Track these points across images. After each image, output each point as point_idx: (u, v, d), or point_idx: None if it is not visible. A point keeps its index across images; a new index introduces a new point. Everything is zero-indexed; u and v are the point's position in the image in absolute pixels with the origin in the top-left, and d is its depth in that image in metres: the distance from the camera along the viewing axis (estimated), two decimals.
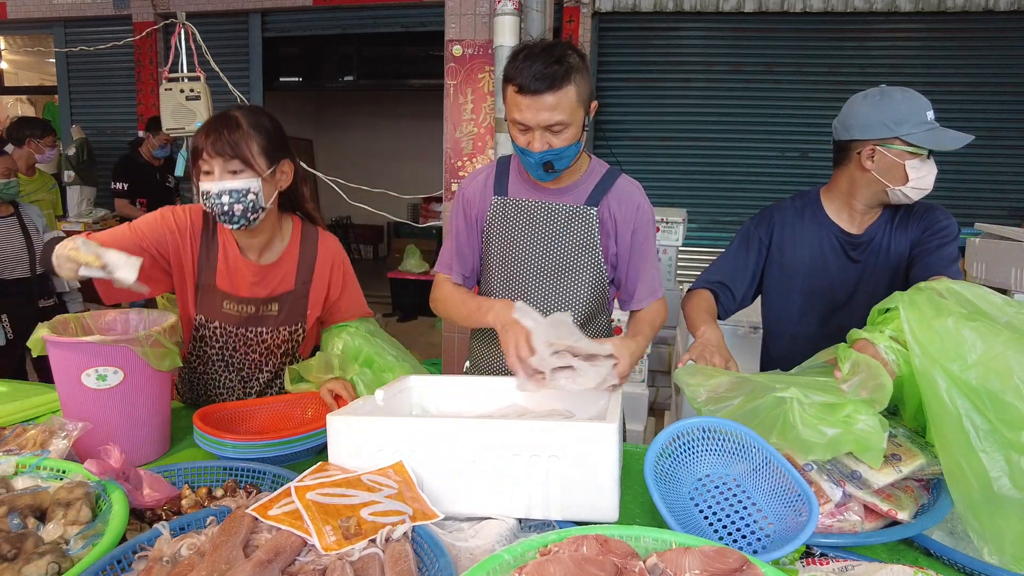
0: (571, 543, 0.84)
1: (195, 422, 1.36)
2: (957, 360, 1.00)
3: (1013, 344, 0.98)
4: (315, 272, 1.66)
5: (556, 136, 1.43)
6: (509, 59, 1.44)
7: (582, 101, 1.43)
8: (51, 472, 1.13)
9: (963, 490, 0.99)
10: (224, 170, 1.44)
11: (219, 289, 1.59)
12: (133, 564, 0.92)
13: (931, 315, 1.06)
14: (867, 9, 4.56)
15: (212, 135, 1.43)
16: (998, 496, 0.94)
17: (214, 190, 1.44)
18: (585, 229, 1.60)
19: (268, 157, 1.49)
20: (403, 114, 9.80)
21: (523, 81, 1.38)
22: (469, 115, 4.11)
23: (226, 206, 1.44)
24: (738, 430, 1.13)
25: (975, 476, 0.97)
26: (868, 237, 1.64)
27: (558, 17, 4.69)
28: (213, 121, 1.47)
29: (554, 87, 1.37)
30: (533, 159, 1.46)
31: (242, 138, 1.44)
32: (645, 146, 5.06)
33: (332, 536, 0.92)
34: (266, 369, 1.70)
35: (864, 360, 1.09)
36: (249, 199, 1.46)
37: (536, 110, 1.39)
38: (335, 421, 1.15)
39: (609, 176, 1.62)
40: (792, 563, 0.97)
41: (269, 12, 5.42)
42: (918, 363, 1.05)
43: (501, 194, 1.63)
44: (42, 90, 7.97)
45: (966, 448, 0.98)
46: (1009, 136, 4.60)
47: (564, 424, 1.08)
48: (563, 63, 1.38)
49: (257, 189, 1.46)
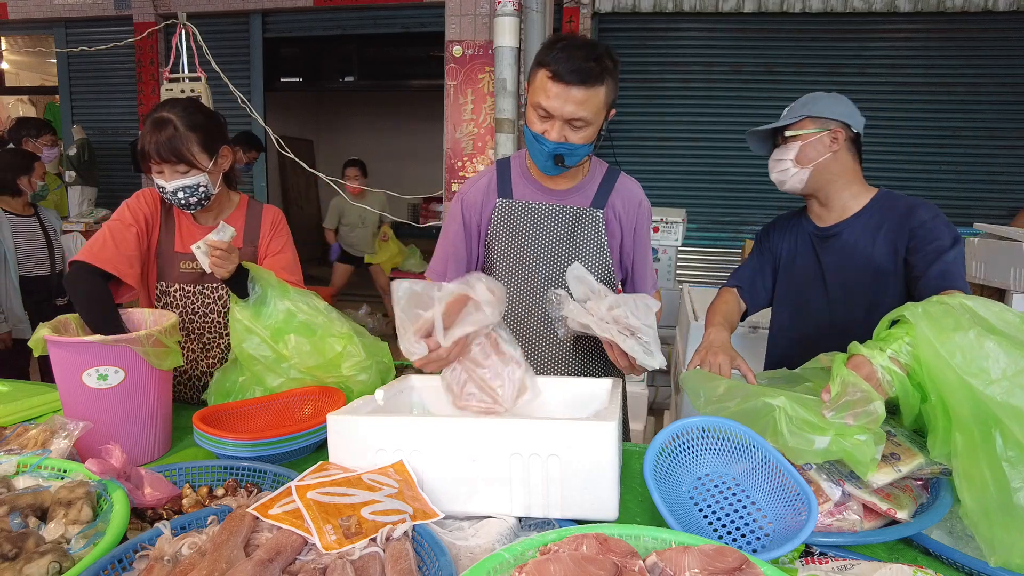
0: (571, 542, 0.84)
1: (195, 422, 1.37)
2: (980, 375, 0.98)
3: None
4: (260, 231, 1.81)
5: (575, 131, 1.44)
6: (545, 46, 1.44)
7: (606, 105, 1.45)
8: (52, 471, 1.13)
9: (979, 495, 0.97)
10: (173, 171, 1.60)
11: (176, 252, 1.74)
12: (134, 563, 0.92)
13: (951, 327, 1.03)
14: (866, 9, 4.56)
15: (154, 143, 1.56)
16: (1016, 507, 0.93)
17: (168, 188, 1.61)
18: (592, 231, 1.60)
19: (208, 151, 1.64)
20: (403, 114, 9.80)
21: (559, 69, 1.38)
22: (469, 115, 4.11)
23: (181, 200, 1.63)
24: (738, 430, 1.14)
25: (995, 483, 0.95)
26: (836, 230, 1.66)
27: (558, 18, 4.69)
28: (152, 127, 1.58)
29: (587, 83, 1.38)
30: (547, 148, 1.45)
31: (181, 142, 1.58)
32: (645, 146, 5.06)
33: (333, 535, 0.92)
34: (225, 335, 1.75)
35: (854, 383, 1.06)
36: (200, 191, 1.63)
37: (564, 100, 1.39)
38: (335, 420, 1.15)
39: (610, 176, 1.64)
40: (791, 562, 0.97)
41: (270, 13, 5.42)
42: (937, 373, 1.02)
43: (505, 196, 1.61)
44: (43, 90, 7.97)
45: (989, 455, 0.96)
46: (1009, 136, 4.60)
47: (564, 423, 1.08)
48: (600, 63, 1.39)
49: (205, 182, 1.64)
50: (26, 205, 3.38)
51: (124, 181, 5.73)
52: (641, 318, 1.33)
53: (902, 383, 1.09)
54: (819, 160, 1.59)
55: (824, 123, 1.59)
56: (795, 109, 1.64)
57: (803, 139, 1.60)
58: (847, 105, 1.61)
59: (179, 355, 1.42)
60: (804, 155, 1.60)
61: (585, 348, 1.69)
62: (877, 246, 1.59)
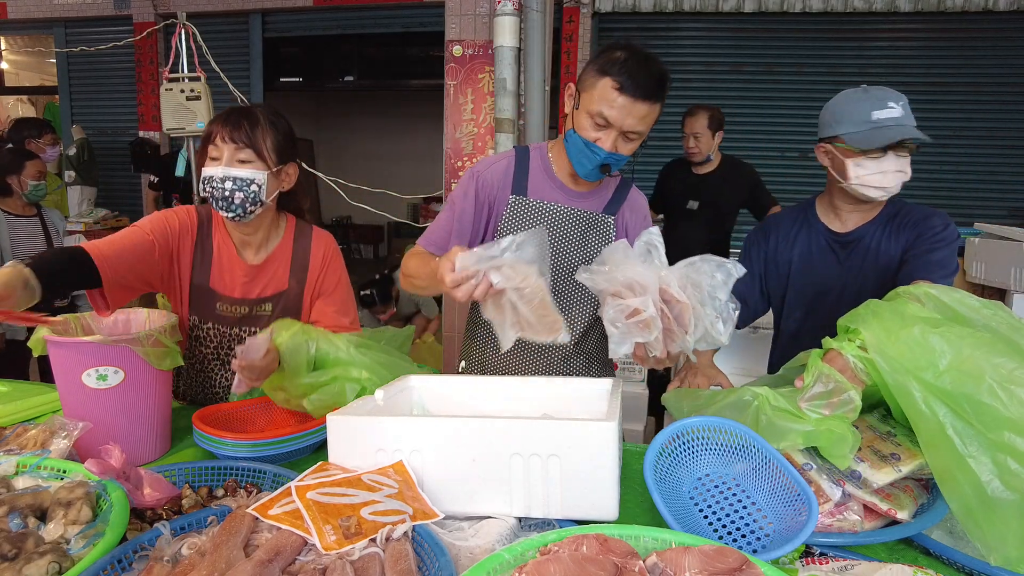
0: (571, 542, 0.84)
1: (195, 422, 1.37)
2: (929, 368, 1.00)
3: (982, 346, 0.98)
4: (309, 269, 1.64)
5: (627, 143, 1.45)
6: (607, 55, 1.42)
7: (656, 120, 1.46)
8: (52, 472, 1.13)
9: (958, 497, 0.98)
10: (234, 158, 1.46)
11: (212, 290, 1.59)
12: (134, 564, 0.92)
13: (897, 326, 1.05)
14: (867, 9, 4.56)
15: (230, 123, 1.46)
16: (993, 499, 0.94)
17: (219, 175, 1.45)
18: (603, 237, 1.61)
19: (279, 154, 1.52)
20: (403, 114, 9.81)
21: (627, 82, 1.37)
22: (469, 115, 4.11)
23: (227, 192, 1.45)
24: (738, 429, 1.14)
25: (967, 482, 0.96)
26: (856, 236, 1.65)
27: (558, 18, 4.69)
28: (232, 110, 1.50)
29: (652, 98, 1.40)
30: (599, 156, 1.44)
31: (259, 130, 1.47)
32: (645, 146, 5.04)
33: (332, 535, 0.92)
34: None
35: (828, 372, 1.08)
36: (252, 189, 1.47)
37: (627, 113, 1.40)
38: (335, 421, 1.15)
39: (623, 185, 1.66)
40: (792, 562, 0.97)
41: (270, 12, 5.42)
42: (889, 378, 1.04)
43: (520, 193, 1.59)
44: (43, 90, 7.97)
45: (954, 455, 0.97)
46: (1009, 136, 4.60)
47: (564, 423, 1.08)
48: (664, 80, 1.41)
49: (262, 181, 1.48)
50: (26, 205, 3.35)
51: (124, 181, 5.74)
52: (716, 284, 1.16)
53: (876, 368, 1.09)
54: None
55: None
56: (908, 112, 1.50)
57: (912, 151, 1.51)
58: None
59: (179, 355, 1.41)
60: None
61: (587, 349, 1.69)
62: (893, 251, 1.60)
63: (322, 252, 1.65)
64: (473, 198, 1.59)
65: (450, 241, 1.58)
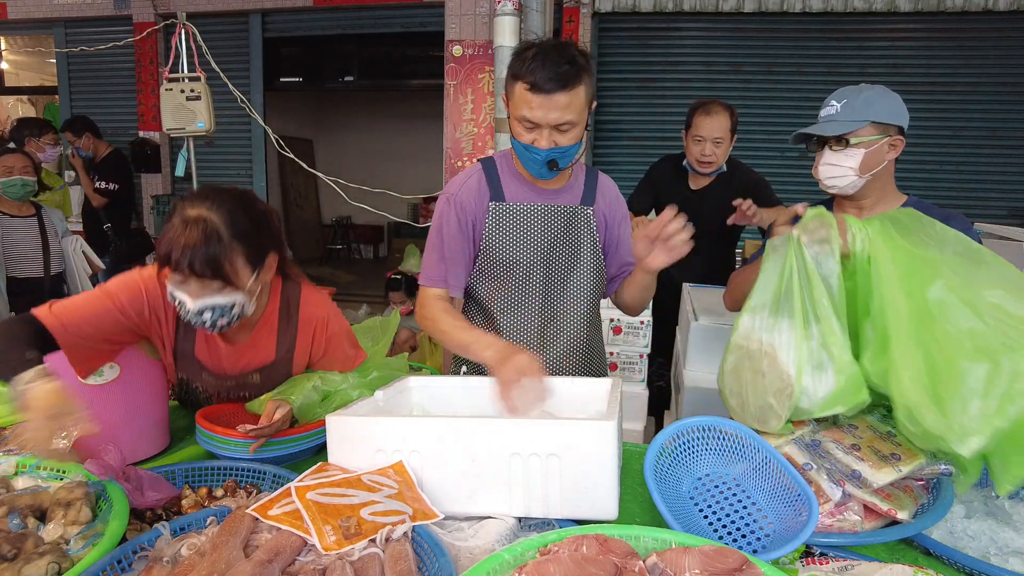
0: (571, 542, 0.84)
1: (198, 420, 1.37)
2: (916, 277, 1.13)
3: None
4: (298, 339, 1.52)
5: (563, 135, 1.44)
6: (516, 56, 1.44)
7: (588, 102, 1.45)
8: (51, 472, 1.13)
9: (918, 386, 1.07)
10: (202, 288, 1.25)
11: (197, 359, 1.48)
12: (133, 564, 0.92)
13: (904, 232, 1.21)
14: (866, 9, 4.56)
15: (186, 250, 1.21)
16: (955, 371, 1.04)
17: (193, 308, 1.25)
18: (585, 228, 1.62)
19: (252, 264, 1.31)
20: (403, 114, 9.80)
21: (535, 80, 1.37)
22: (469, 115, 4.11)
23: (207, 322, 1.28)
24: (738, 430, 1.14)
25: (929, 371, 1.07)
26: None
27: (558, 17, 4.69)
28: (184, 226, 1.22)
29: (567, 87, 1.38)
30: (539, 156, 1.45)
31: (224, 254, 1.24)
32: (645, 146, 5.06)
33: (332, 536, 0.92)
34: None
35: (822, 214, 1.24)
36: (233, 312, 1.30)
37: (547, 109, 1.39)
38: (335, 421, 1.15)
39: (592, 174, 1.68)
40: (792, 562, 0.97)
41: (269, 12, 5.42)
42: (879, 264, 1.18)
43: (497, 199, 1.59)
44: (42, 90, 7.96)
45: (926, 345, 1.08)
46: (1009, 136, 4.60)
47: (564, 423, 1.08)
48: (574, 64, 1.38)
49: (242, 301, 1.31)
50: (24, 205, 3.29)
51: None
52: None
53: (864, 243, 1.22)
54: (877, 168, 1.52)
55: (885, 129, 1.49)
56: (855, 108, 1.49)
57: (867, 146, 1.49)
58: (902, 105, 1.51)
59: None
60: (866, 164, 1.50)
61: (581, 351, 1.69)
62: None
63: (312, 324, 1.51)
64: (456, 223, 1.58)
65: (448, 272, 1.59)
